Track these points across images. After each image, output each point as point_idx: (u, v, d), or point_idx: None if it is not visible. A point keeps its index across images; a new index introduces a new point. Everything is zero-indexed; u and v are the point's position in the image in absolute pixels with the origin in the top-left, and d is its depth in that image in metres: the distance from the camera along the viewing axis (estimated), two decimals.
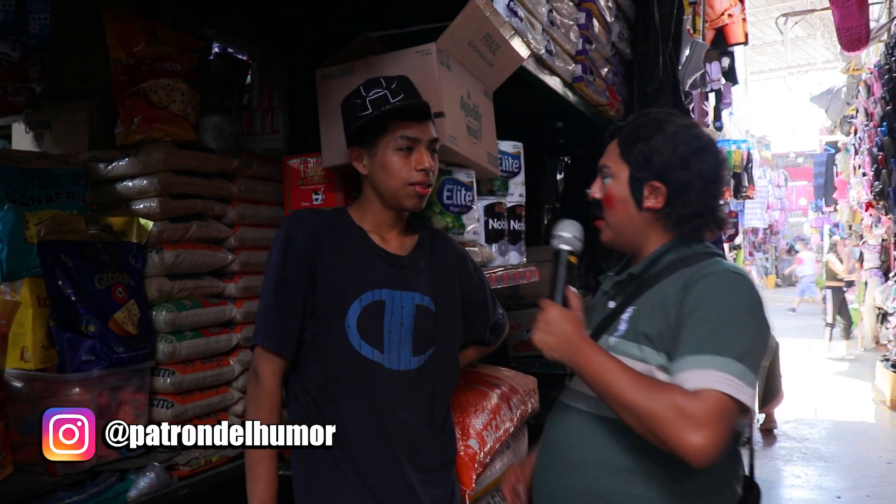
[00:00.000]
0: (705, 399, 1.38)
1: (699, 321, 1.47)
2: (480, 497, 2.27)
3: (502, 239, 2.56)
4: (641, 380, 1.44)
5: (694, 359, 1.43)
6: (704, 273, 1.54)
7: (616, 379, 1.45)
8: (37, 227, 1.89)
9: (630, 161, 1.63)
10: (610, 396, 1.46)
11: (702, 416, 1.36)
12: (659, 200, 1.62)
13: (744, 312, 1.49)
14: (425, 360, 1.82)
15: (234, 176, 2.28)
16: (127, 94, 2.13)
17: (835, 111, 13.08)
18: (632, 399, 1.41)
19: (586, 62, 3.13)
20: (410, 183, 1.77)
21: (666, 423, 1.37)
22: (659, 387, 1.43)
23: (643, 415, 1.40)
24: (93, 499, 1.75)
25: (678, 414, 1.36)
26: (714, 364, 1.40)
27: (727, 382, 1.39)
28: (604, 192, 1.68)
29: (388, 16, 2.39)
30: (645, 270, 1.66)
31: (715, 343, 1.43)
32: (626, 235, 1.69)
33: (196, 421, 2.09)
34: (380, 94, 1.76)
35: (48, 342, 1.88)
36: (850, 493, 5.55)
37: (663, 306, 1.54)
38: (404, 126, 1.76)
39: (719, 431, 1.36)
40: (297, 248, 1.74)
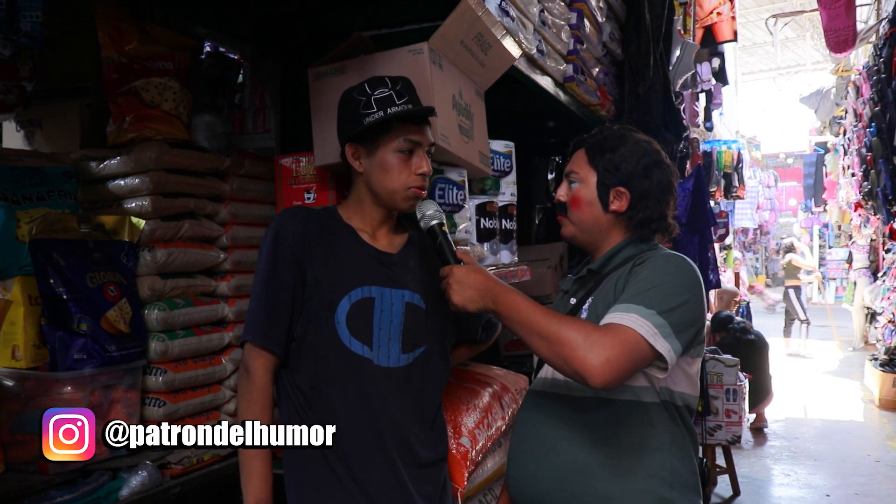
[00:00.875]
0: (615, 330, 1.54)
1: (634, 284, 1.65)
2: (472, 495, 2.28)
3: (494, 238, 2.57)
4: (556, 315, 1.61)
5: (619, 307, 1.60)
6: (649, 256, 1.74)
7: (530, 310, 1.60)
8: (28, 225, 1.88)
9: (598, 168, 1.83)
10: (525, 327, 1.60)
11: (606, 341, 1.51)
12: (623, 204, 1.81)
13: (677, 281, 1.66)
14: (415, 357, 1.83)
15: (227, 175, 2.28)
16: (119, 93, 2.12)
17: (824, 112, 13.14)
18: (544, 326, 1.56)
19: (577, 62, 3.15)
20: (409, 186, 1.78)
21: (571, 344, 1.51)
22: (573, 320, 1.61)
23: (552, 339, 1.54)
24: (84, 497, 1.75)
25: (585, 338, 1.51)
26: (636, 311, 1.57)
27: (642, 325, 1.55)
28: (570, 195, 1.87)
29: (380, 15, 2.39)
30: (603, 266, 1.83)
31: (642, 298, 1.60)
32: (588, 233, 1.87)
33: (188, 419, 2.08)
34: (385, 94, 1.77)
35: (40, 341, 1.87)
36: (840, 492, 5.59)
37: (615, 287, 1.72)
38: (408, 129, 1.78)
39: (621, 358, 1.51)
40: (286, 246, 1.75)
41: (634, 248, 1.83)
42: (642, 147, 1.84)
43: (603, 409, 1.69)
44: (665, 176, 1.83)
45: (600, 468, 1.68)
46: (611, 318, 1.58)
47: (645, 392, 1.69)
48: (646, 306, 1.57)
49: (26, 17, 1.75)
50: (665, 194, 1.83)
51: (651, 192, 1.80)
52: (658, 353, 1.56)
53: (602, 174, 1.82)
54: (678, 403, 1.73)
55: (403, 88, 1.80)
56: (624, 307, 1.59)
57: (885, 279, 11.47)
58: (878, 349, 10.24)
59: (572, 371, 1.53)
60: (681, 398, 1.73)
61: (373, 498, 1.73)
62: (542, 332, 1.56)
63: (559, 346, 1.53)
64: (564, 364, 1.54)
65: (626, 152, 1.81)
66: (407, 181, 1.78)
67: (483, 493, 2.38)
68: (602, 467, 1.68)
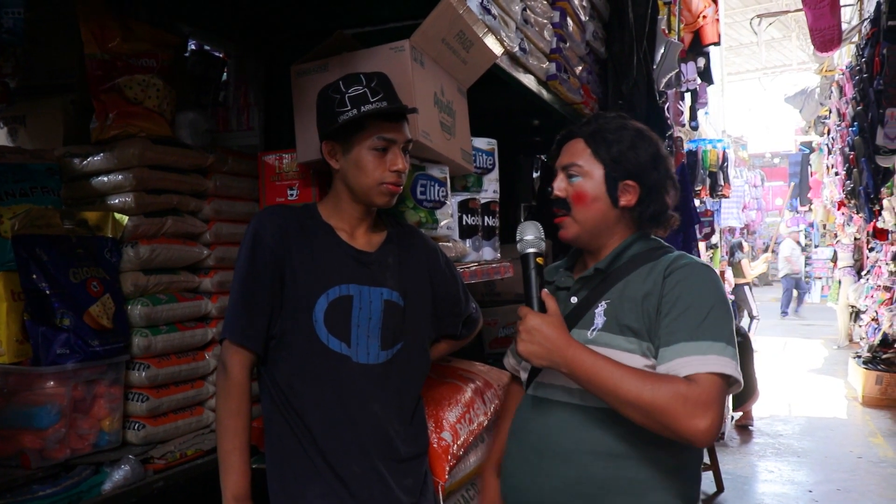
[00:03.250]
0: (704, 383, 1.49)
1: (684, 310, 1.57)
2: (455, 490, 2.30)
3: (476, 234, 2.59)
4: (638, 374, 1.52)
5: (689, 345, 1.53)
6: (678, 265, 1.64)
7: (614, 377, 1.51)
8: (11, 221, 1.88)
9: (605, 160, 1.72)
10: (611, 395, 1.52)
11: (703, 399, 1.47)
12: (632, 198, 1.73)
13: (721, 301, 1.61)
14: (394, 353, 1.85)
15: (210, 171, 2.28)
16: (102, 90, 2.12)
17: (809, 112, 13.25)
18: (636, 395, 1.48)
19: (560, 60, 3.17)
20: (383, 182, 1.80)
21: (673, 412, 1.46)
22: (657, 378, 1.51)
23: (649, 407, 1.47)
24: (67, 491, 1.75)
25: (683, 402, 1.46)
26: (710, 351, 1.52)
27: (723, 364, 1.51)
28: (572, 190, 1.74)
29: (364, 13, 2.41)
30: (610, 265, 1.74)
31: (706, 331, 1.54)
32: (594, 231, 1.76)
33: (172, 415, 2.09)
34: (360, 91, 1.79)
35: (22, 336, 1.88)
36: (822, 487, 5.64)
37: (644, 300, 1.63)
38: (382, 127, 1.80)
39: (719, 411, 1.49)
40: (264, 245, 1.77)
41: (643, 244, 1.76)
42: (645, 136, 1.76)
43: (619, 420, 1.59)
44: (669, 165, 1.78)
45: (617, 482, 1.63)
46: (689, 366, 1.52)
47: None
48: (714, 340, 1.53)
49: (8, 13, 1.76)
50: (669, 185, 1.77)
51: (659, 184, 1.74)
52: (737, 381, 1.55)
53: (610, 167, 1.72)
54: None
55: (378, 85, 1.81)
56: (696, 347, 1.53)
57: (868, 278, 11.56)
58: (862, 347, 10.33)
59: (675, 436, 1.49)
60: None
61: (352, 490, 1.75)
62: (633, 401, 1.49)
63: (657, 414, 1.47)
64: (665, 430, 1.49)
65: (633, 142, 1.73)
66: (381, 177, 1.80)
67: (466, 487, 2.40)
68: (618, 481, 1.63)
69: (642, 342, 1.61)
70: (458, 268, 2.29)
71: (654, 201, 1.74)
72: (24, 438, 1.80)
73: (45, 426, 1.80)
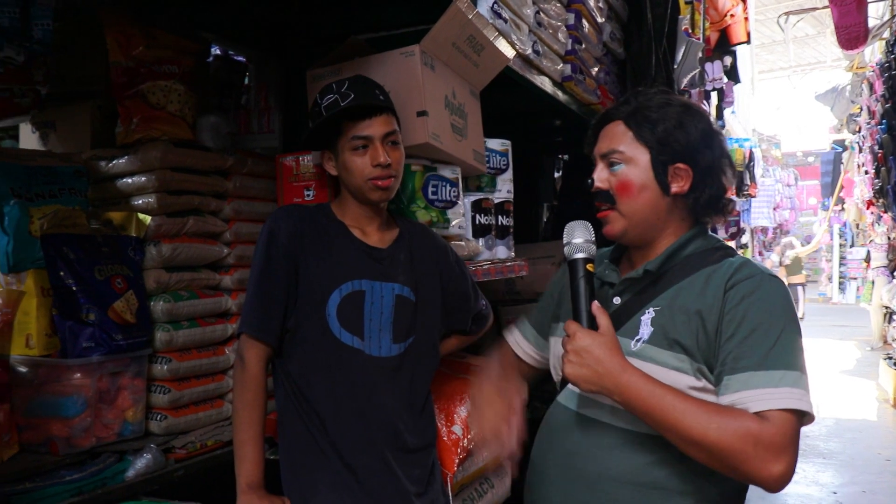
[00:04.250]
0: (778, 422, 1.32)
1: (751, 332, 1.40)
2: (468, 483, 2.36)
3: (489, 234, 2.65)
4: (703, 407, 1.36)
5: (758, 376, 1.36)
6: (743, 276, 1.46)
7: (674, 410, 1.35)
8: (40, 221, 1.98)
9: (650, 143, 1.52)
10: (671, 431, 1.36)
11: (778, 442, 1.31)
12: (685, 184, 1.53)
13: (791, 321, 1.43)
14: (405, 347, 1.91)
15: (230, 173, 2.37)
16: (126, 96, 2.22)
17: (840, 109, 13.07)
18: (701, 433, 1.33)
19: (576, 62, 3.21)
20: (370, 178, 1.86)
21: (743, 455, 1.30)
22: (724, 414, 1.35)
23: (715, 448, 1.32)
24: (92, 477, 1.84)
25: (755, 444, 1.30)
26: (784, 382, 1.35)
27: (799, 398, 1.35)
28: (615, 180, 1.55)
29: (375, 19, 2.48)
30: (661, 266, 1.56)
31: (777, 358, 1.37)
32: (644, 225, 1.56)
33: (193, 407, 2.18)
34: (331, 99, 1.87)
35: (51, 330, 1.97)
36: (847, 489, 5.60)
37: (700, 314, 1.45)
38: (355, 126, 1.86)
39: (795, 452, 1.33)
40: (280, 243, 1.85)
41: (701, 243, 1.57)
42: (693, 111, 1.54)
43: (657, 446, 1.46)
44: (723, 142, 1.58)
45: None
46: (761, 400, 1.35)
47: None
48: (788, 369, 1.37)
49: (38, 25, 1.87)
50: (725, 165, 1.57)
51: (714, 164, 1.53)
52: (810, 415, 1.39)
53: (657, 150, 1.51)
54: None
55: (349, 88, 1.87)
56: (767, 378, 1.36)
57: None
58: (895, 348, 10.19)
59: (745, 480, 1.36)
60: None
61: (361, 480, 1.82)
62: (697, 440, 1.33)
63: (725, 457, 1.32)
64: (734, 473, 1.35)
65: (680, 120, 1.51)
66: (367, 174, 1.86)
67: (479, 481, 2.46)
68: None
69: (694, 362, 1.44)
70: (472, 266, 2.35)
71: (710, 185, 1.53)
72: (53, 427, 1.89)
73: (72, 415, 1.90)
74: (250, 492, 1.77)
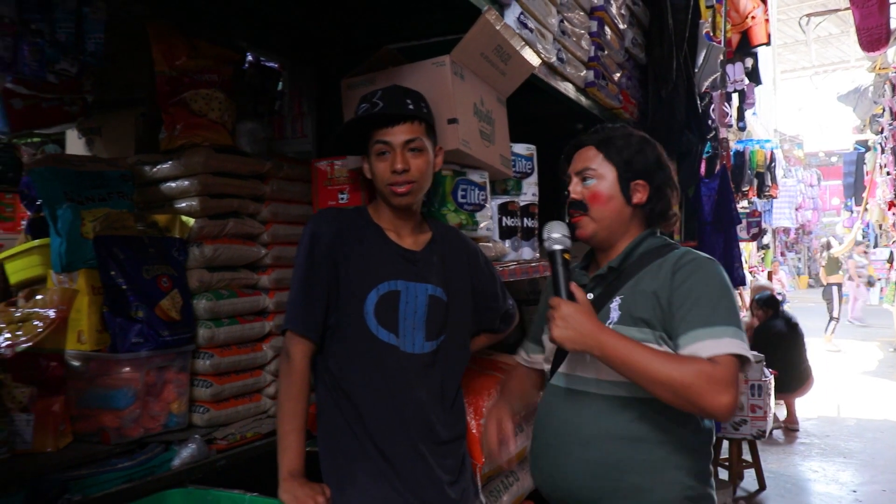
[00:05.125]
0: (724, 363, 1.65)
1: (697, 300, 1.73)
2: (494, 476, 2.44)
3: (515, 235, 2.73)
4: (666, 355, 1.69)
5: (705, 331, 1.69)
6: (686, 261, 1.82)
7: (644, 358, 1.66)
8: (92, 223, 2.09)
9: (616, 163, 1.91)
10: (642, 375, 1.66)
11: (725, 378, 1.63)
12: (643, 196, 1.91)
13: (727, 290, 1.77)
14: (438, 344, 2.00)
15: (267, 177, 2.46)
16: (170, 104, 2.32)
17: (862, 110, 12.99)
18: (666, 374, 1.63)
19: (598, 68, 3.29)
20: (388, 184, 1.95)
21: (699, 389, 1.61)
22: (683, 360, 1.68)
23: (678, 385, 1.62)
24: (142, 465, 1.95)
25: (708, 380, 1.62)
26: (725, 334, 1.68)
27: (738, 346, 1.68)
28: (588, 192, 1.92)
29: (407, 29, 2.56)
30: (622, 262, 1.90)
31: (718, 317, 1.70)
32: (610, 229, 1.92)
33: (233, 400, 2.28)
34: (365, 108, 1.96)
35: (102, 326, 2.07)
36: (867, 488, 5.62)
37: (655, 294, 1.79)
38: (379, 132, 1.95)
39: (737, 386, 1.65)
40: (322, 244, 1.94)
41: (652, 241, 1.92)
42: (650, 142, 1.95)
43: (634, 406, 1.79)
44: (669, 169, 1.96)
45: (631, 463, 1.77)
46: (709, 348, 1.67)
47: None
48: (726, 324, 1.69)
49: (91, 38, 1.98)
50: (671, 186, 1.96)
51: (665, 183, 1.93)
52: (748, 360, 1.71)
53: (622, 168, 1.90)
54: None
55: (381, 97, 1.96)
56: (711, 332, 1.68)
57: None
58: None
59: (699, 411, 1.66)
60: None
61: (397, 469, 1.91)
62: (663, 381, 1.63)
63: (685, 392, 1.62)
64: (690, 406, 1.64)
65: (639, 147, 1.92)
66: (387, 179, 1.95)
67: (506, 474, 2.55)
68: (633, 462, 1.77)
69: (655, 331, 1.77)
70: (498, 267, 2.43)
71: (661, 199, 1.92)
72: (104, 418, 2.00)
73: (122, 407, 2.01)
74: (292, 479, 1.86)
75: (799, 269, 26.45)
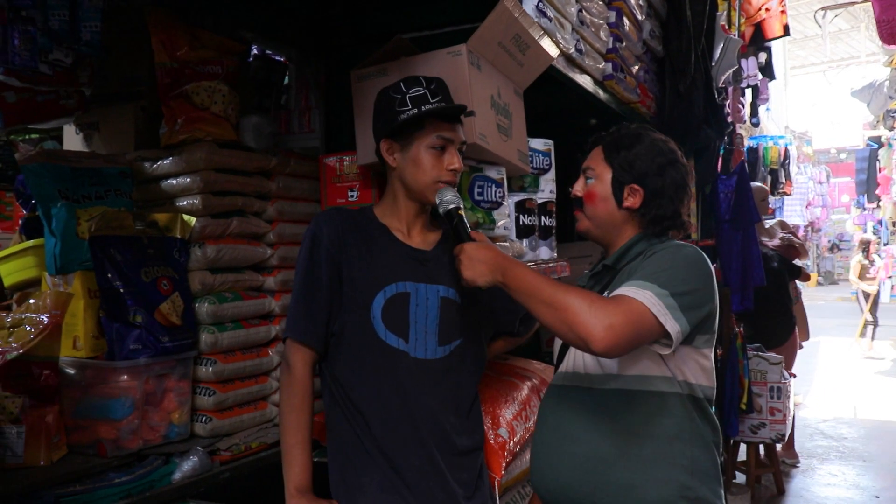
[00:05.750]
0: (623, 301, 1.61)
1: (647, 266, 1.72)
2: (511, 486, 2.33)
3: (533, 234, 2.62)
4: (564, 285, 1.65)
5: (632, 283, 1.66)
6: (664, 247, 1.81)
7: (538, 282, 1.64)
8: (88, 223, 1.98)
9: (613, 165, 1.89)
10: (532, 297, 1.64)
11: (612, 309, 1.57)
12: (636, 201, 1.87)
13: (690, 268, 1.72)
14: (451, 349, 1.90)
15: (273, 174, 2.36)
16: (171, 97, 2.22)
17: (877, 105, 12.85)
18: (551, 294, 1.61)
19: (617, 60, 3.17)
20: (440, 181, 1.86)
21: (575, 310, 1.57)
22: (580, 290, 1.65)
23: (557, 306, 1.59)
24: (140, 479, 1.84)
25: (590, 306, 1.57)
26: (650, 289, 1.63)
27: (653, 302, 1.61)
28: (586, 190, 1.93)
29: (420, 18, 2.45)
30: (617, 261, 1.89)
31: (655, 278, 1.66)
32: (602, 228, 1.93)
33: (237, 409, 2.17)
34: (420, 92, 1.86)
35: (98, 332, 1.98)
36: (890, 493, 5.50)
37: (630, 274, 1.75)
38: (441, 127, 1.86)
39: (625, 327, 1.56)
40: (322, 248, 1.86)
41: (647, 242, 1.88)
42: (657, 146, 1.89)
43: (623, 400, 1.76)
44: (679, 175, 1.89)
45: (621, 457, 1.73)
46: (622, 291, 1.64)
47: (663, 382, 1.75)
48: (659, 286, 1.63)
49: (87, 27, 1.87)
50: (679, 192, 1.89)
51: (665, 190, 1.86)
52: (665, 331, 1.62)
53: (617, 171, 1.88)
54: (698, 395, 1.79)
55: (437, 88, 1.89)
56: (638, 284, 1.65)
57: None
58: None
59: (576, 336, 1.58)
60: (700, 390, 1.79)
61: (409, 483, 1.81)
62: (548, 300, 1.60)
63: (563, 313, 1.58)
64: (568, 330, 1.58)
65: (641, 150, 1.87)
66: (438, 175, 1.86)
67: (522, 484, 2.44)
68: (623, 457, 1.73)
69: None
70: None
71: (659, 205, 1.86)
72: (101, 429, 1.89)
73: (119, 417, 1.90)
74: (299, 496, 1.76)
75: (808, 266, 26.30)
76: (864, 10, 14.87)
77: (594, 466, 1.75)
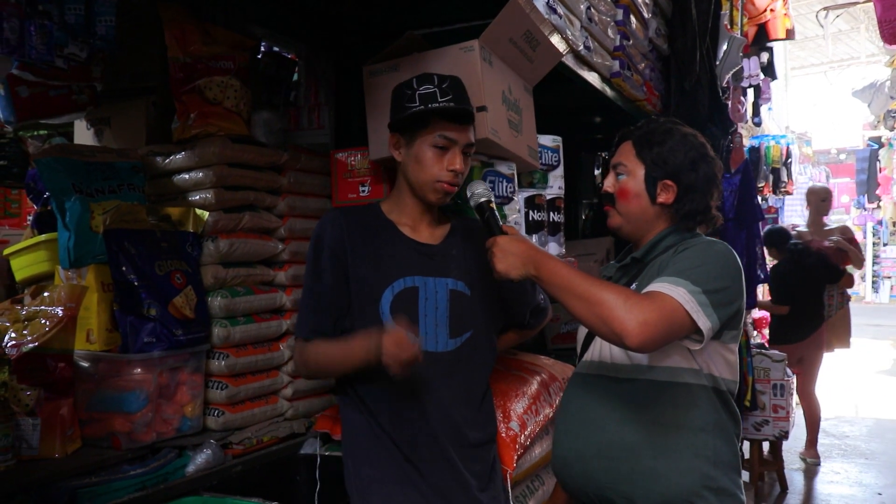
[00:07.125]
0: (657, 297, 1.60)
1: (679, 262, 1.71)
2: (521, 480, 2.34)
3: (542, 230, 2.62)
4: (597, 280, 1.67)
5: (665, 279, 1.65)
6: (696, 242, 1.80)
7: (572, 276, 1.65)
8: (102, 216, 1.98)
9: (646, 161, 1.87)
10: (566, 291, 1.64)
11: (646, 305, 1.57)
12: (670, 196, 1.86)
13: (722, 265, 1.72)
14: (462, 342, 1.91)
15: (284, 169, 2.37)
16: (183, 91, 2.22)
17: (878, 106, 12.84)
18: (585, 288, 1.61)
19: (624, 58, 3.18)
20: (439, 180, 1.85)
21: (610, 305, 1.56)
22: (614, 285, 1.67)
23: (592, 300, 1.59)
24: (154, 472, 1.85)
25: (625, 301, 1.57)
26: (683, 286, 1.62)
27: (687, 299, 1.60)
28: (618, 186, 1.91)
29: (429, 14, 2.45)
30: (646, 254, 1.89)
31: (688, 274, 1.65)
32: (634, 224, 1.92)
33: (249, 402, 2.18)
34: (430, 90, 1.85)
35: (112, 325, 1.98)
36: (892, 490, 5.50)
37: (658, 272, 1.74)
38: (445, 126, 1.85)
39: (659, 323, 1.56)
40: (327, 247, 1.87)
41: (677, 236, 1.87)
42: (689, 140, 1.88)
43: (649, 390, 1.76)
44: (710, 169, 1.88)
45: (647, 446, 1.74)
46: (656, 287, 1.63)
47: (691, 375, 1.75)
48: (692, 283, 1.62)
49: (102, 21, 1.88)
50: (710, 186, 1.88)
51: (697, 184, 1.85)
52: (697, 327, 1.62)
53: (650, 167, 1.86)
54: (722, 388, 1.79)
55: (449, 87, 1.86)
56: (671, 280, 1.64)
57: None
58: None
59: (610, 331, 1.58)
60: (724, 383, 1.79)
61: (424, 474, 1.82)
62: (583, 295, 1.60)
63: (598, 307, 1.58)
64: (602, 324, 1.58)
65: (673, 146, 1.86)
66: (437, 175, 1.85)
67: (531, 478, 2.44)
68: (648, 446, 1.74)
69: None
70: None
71: (691, 200, 1.85)
72: (115, 421, 1.90)
73: (133, 410, 1.91)
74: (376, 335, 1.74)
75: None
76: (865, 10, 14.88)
77: (620, 454, 1.76)
